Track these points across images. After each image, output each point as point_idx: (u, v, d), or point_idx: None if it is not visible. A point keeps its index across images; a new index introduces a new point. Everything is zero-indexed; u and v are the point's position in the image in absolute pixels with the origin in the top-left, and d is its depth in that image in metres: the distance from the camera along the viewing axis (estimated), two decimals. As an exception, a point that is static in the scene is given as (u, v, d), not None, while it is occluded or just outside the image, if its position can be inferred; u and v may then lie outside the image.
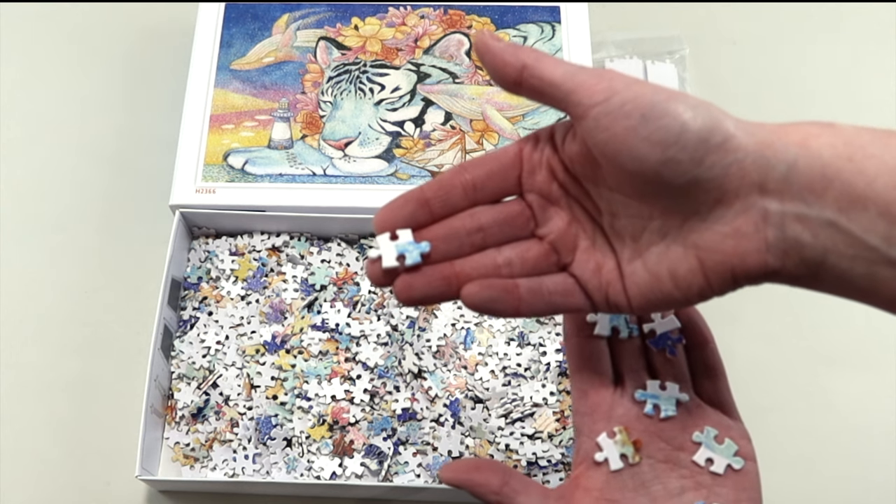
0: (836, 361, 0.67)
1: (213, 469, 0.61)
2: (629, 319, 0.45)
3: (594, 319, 0.44)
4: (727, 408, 0.45)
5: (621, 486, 0.42)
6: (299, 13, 0.75)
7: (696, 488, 0.42)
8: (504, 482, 0.42)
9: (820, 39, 0.81)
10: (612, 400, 0.44)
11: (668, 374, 0.44)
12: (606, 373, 0.44)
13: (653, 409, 0.44)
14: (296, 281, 0.66)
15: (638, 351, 0.45)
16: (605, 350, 0.45)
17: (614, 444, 0.43)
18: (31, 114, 0.75)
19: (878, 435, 0.64)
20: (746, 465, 0.43)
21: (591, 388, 0.44)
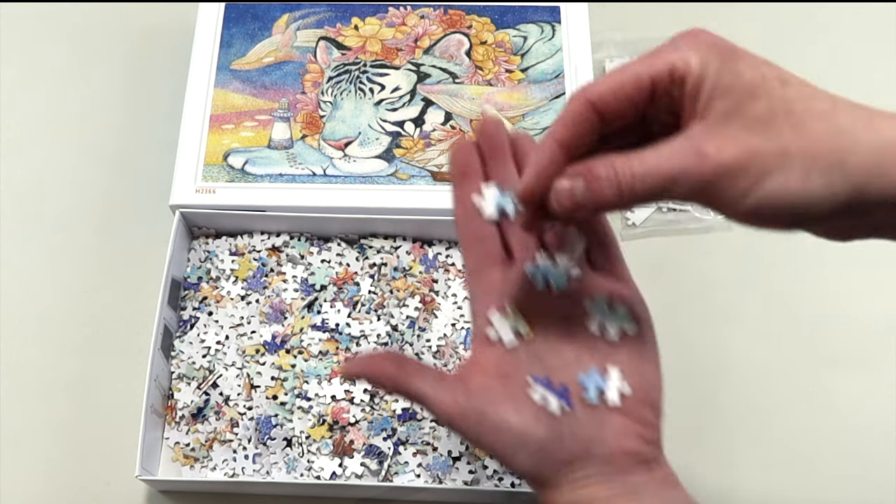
0: (837, 361, 0.67)
1: (213, 469, 0.61)
2: (515, 198, 0.44)
3: (481, 202, 0.44)
4: (620, 274, 0.44)
5: (516, 361, 0.42)
6: (299, 13, 0.75)
7: (592, 354, 0.42)
8: (399, 369, 0.42)
9: (820, 39, 0.81)
10: (504, 278, 0.44)
11: (559, 247, 0.44)
12: (496, 252, 0.44)
13: (544, 283, 0.43)
14: (296, 281, 0.66)
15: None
16: (494, 231, 0.45)
17: (506, 321, 0.43)
18: (31, 114, 0.75)
19: (879, 435, 0.64)
20: (641, 328, 0.43)
21: (482, 268, 0.44)
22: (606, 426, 0.41)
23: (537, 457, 0.41)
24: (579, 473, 0.41)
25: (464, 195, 0.45)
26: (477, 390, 0.41)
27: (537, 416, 0.41)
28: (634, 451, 0.41)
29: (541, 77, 0.73)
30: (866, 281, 0.69)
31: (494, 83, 0.72)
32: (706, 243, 0.72)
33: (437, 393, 0.41)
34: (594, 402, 0.41)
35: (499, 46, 0.74)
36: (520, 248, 0.44)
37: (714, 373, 0.67)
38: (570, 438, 0.41)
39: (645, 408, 0.42)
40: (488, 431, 0.41)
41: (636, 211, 0.71)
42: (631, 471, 0.41)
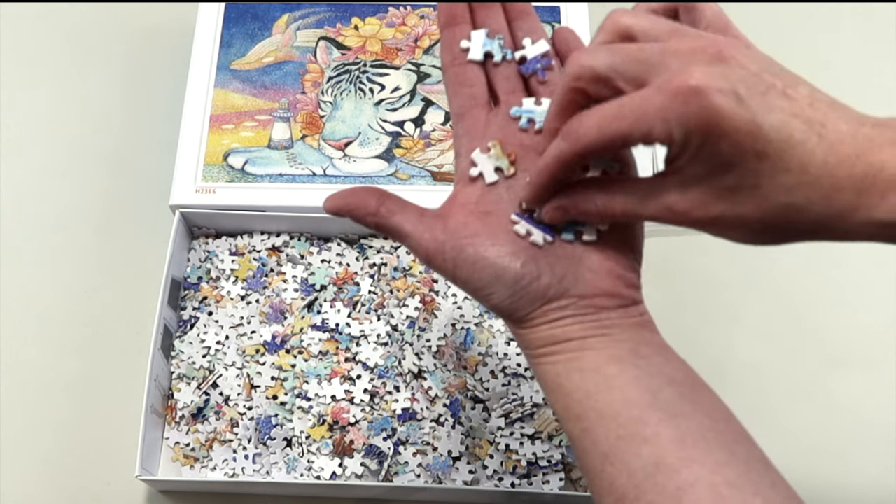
0: (838, 361, 0.67)
1: (213, 469, 0.61)
2: (502, 44, 0.45)
3: (467, 45, 0.45)
4: None
5: (497, 198, 0.43)
6: (299, 13, 0.75)
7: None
8: (380, 203, 0.43)
9: (820, 39, 0.81)
10: (488, 119, 0.44)
11: (545, 93, 0.45)
12: (482, 95, 0.45)
13: (527, 123, 0.44)
14: (296, 281, 0.66)
15: (514, 74, 0.45)
16: (480, 74, 0.45)
17: (488, 158, 0.43)
18: (31, 114, 0.75)
19: (880, 435, 0.64)
20: (626, 169, 0.44)
21: (467, 110, 0.45)
22: (584, 265, 0.42)
23: (513, 290, 0.41)
24: (555, 310, 0.41)
25: (451, 40, 0.45)
26: (456, 226, 0.42)
27: (515, 251, 0.41)
28: (612, 292, 0.42)
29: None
30: (867, 281, 0.69)
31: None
32: (706, 243, 0.71)
33: (417, 229, 0.42)
34: (571, 239, 0.42)
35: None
36: (505, 91, 0.45)
37: (714, 373, 0.66)
38: (547, 274, 0.41)
39: (625, 250, 0.43)
40: (465, 265, 0.41)
41: None
42: (606, 310, 0.41)
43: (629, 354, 0.41)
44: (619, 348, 0.41)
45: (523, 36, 0.45)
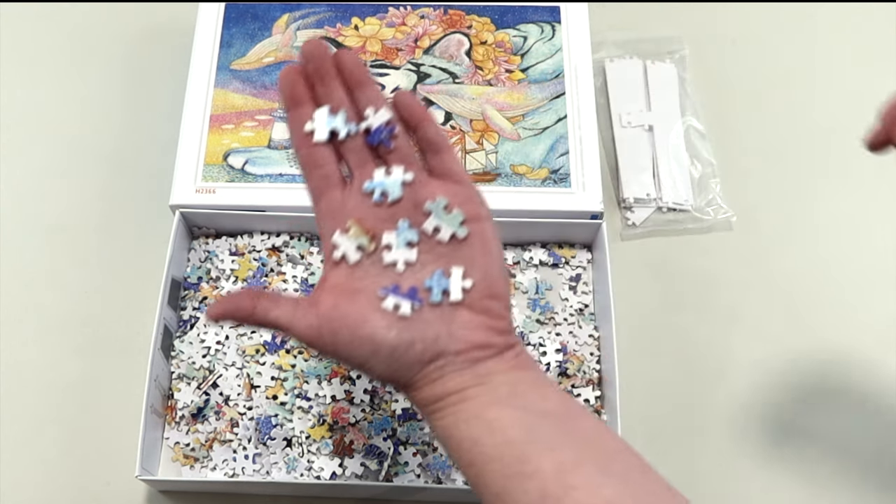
0: (837, 361, 0.67)
1: (213, 469, 0.61)
2: (346, 118, 0.46)
3: (312, 127, 0.45)
4: (455, 176, 0.46)
5: (363, 274, 0.45)
6: (299, 13, 0.75)
7: (436, 259, 0.45)
8: (254, 304, 0.45)
9: (820, 39, 0.81)
10: (343, 197, 0.46)
11: (394, 160, 0.46)
12: (334, 174, 0.46)
13: (380, 196, 0.45)
14: (296, 281, 0.66)
15: (361, 146, 0.46)
16: (330, 153, 0.46)
17: (348, 239, 0.45)
18: (31, 114, 0.75)
19: (880, 434, 0.64)
20: (478, 225, 0.45)
21: (322, 192, 0.46)
22: (454, 322, 0.44)
23: (390, 361, 0.43)
24: (434, 371, 0.43)
25: (297, 123, 0.46)
26: (328, 310, 0.44)
27: (387, 324, 0.43)
28: (484, 343, 0.44)
29: (541, 77, 0.73)
30: (866, 280, 0.69)
31: (494, 83, 0.72)
32: (706, 243, 0.72)
33: (293, 319, 0.44)
34: (439, 301, 0.44)
35: (499, 46, 0.74)
36: (356, 166, 0.46)
37: (714, 373, 0.67)
38: (420, 340, 0.43)
39: (490, 300, 0.44)
40: (343, 345, 0.43)
41: (636, 211, 0.71)
42: (482, 361, 0.43)
43: (507, 397, 0.43)
44: (497, 393, 0.43)
45: (365, 106, 0.46)
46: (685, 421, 0.65)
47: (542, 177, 0.68)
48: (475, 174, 0.68)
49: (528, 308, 0.66)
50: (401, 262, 0.45)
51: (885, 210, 0.73)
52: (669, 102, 0.76)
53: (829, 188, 0.74)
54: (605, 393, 0.63)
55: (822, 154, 0.75)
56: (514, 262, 0.68)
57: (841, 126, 0.76)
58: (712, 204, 0.72)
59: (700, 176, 0.73)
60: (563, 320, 0.66)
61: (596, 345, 0.65)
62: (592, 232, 0.67)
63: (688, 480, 0.63)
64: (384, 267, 0.45)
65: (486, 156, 0.69)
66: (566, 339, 0.65)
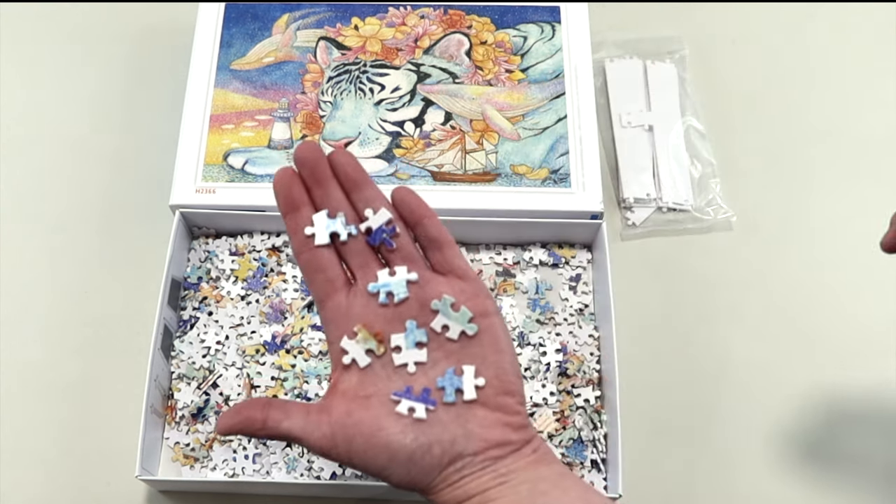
0: (837, 361, 0.67)
1: (213, 469, 0.61)
2: (345, 221, 0.45)
3: (312, 231, 0.45)
4: (460, 272, 0.46)
5: (374, 378, 0.44)
6: (299, 13, 0.75)
7: (447, 356, 0.44)
8: (265, 415, 0.44)
9: (820, 39, 0.81)
10: (348, 301, 0.45)
11: (397, 259, 0.45)
12: (338, 277, 0.46)
13: (386, 298, 0.45)
14: (296, 281, 0.66)
15: (363, 248, 0.46)
16: (332, 256, 0.46)
17: (357, 344, 0.44)
18: (31, 114, 0.75)
19: (880, 434, 0.64)
20: (487, 321, 0.44)
21: (326, 296, 0.45)
22: (470, 421, 0.43)
23: (409, 466, 0.43)
24: (453, 473, 0.43)
25: (296, 228, 0.46)
26: (341, 417, 0.43)
27: (402, 429, 0.43)
28: (502, 441, 0.43)
29: (541, 77, 0.73)
30: (866, 281, 0.69)
31: (494, 83, 0.72)
32: (706, 243, 0.72)
33: (306, 430, 0.44)
34: (453, 401, 0.43)
35: (499, 46, 0.74)
36: (359, 267, 0.46)
37: (714, 373, 0.67)
38: (436, 443, 0.42)
39: (504, 396, 0.44)
40: (358, 454, 0.43)
41: (636, 211, 0.71)
42: (501, 459, 0.43)
43: (528, 496, 0.42)
44: (517, 493, 0.42)
45: (364, 207, 0.46)
46: (685, 421, 0.65)
47: (542, 177, 0.68)
48: (475, 174, 0.68)
49: (528, 308, 0.66)
50: (411, 363, 0.44)
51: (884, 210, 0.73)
52: (669, 102, 0.76)
53: (829, 188, 0.74)
54: (605, 393, 0.63)
55: (822, 154, 0.75)
56: (514, 262, 0.68)
57: (840, 126, 0.76)
58: (712, 204, 0.72)
59: (700, 176, 0.73)
60: (563, 320, 0.66)
61: (596, 345, 0.65)
62: (592, 232, 0.67)
63: (688, 480, 0.63)
64: (395, 369, 0.44)
65: (486, 156, 0.69)
66: (566, 339, 0.65)
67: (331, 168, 0.46)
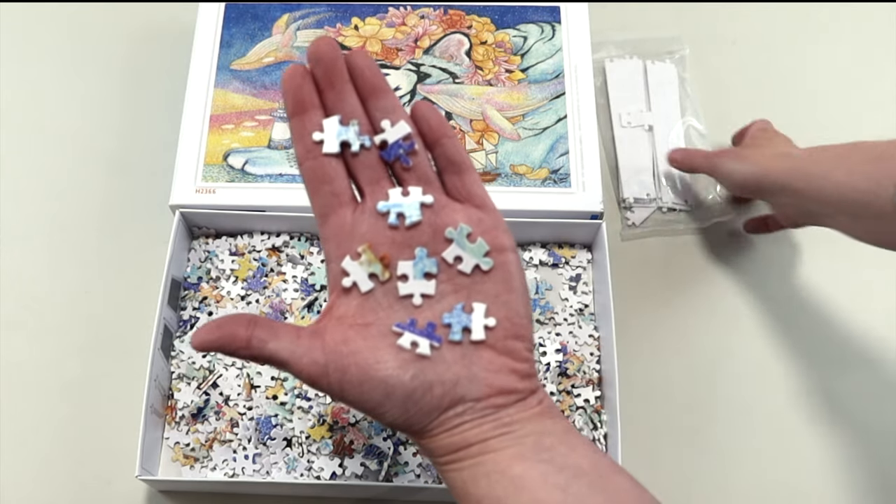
0: (837, 361, 0.67)
1: (213, 469, 0.61)
2: (359, 130, 0.41)
3: (321, 137, 0.40)
4: (478, 200, 0.42)
5: (375, 305, 0.40)
6: (299, 13, 0.75)
7: (456, 290, 0.40)
8: (250, 333, 0.39)
9: (820, 39, 0.81)
10: (354, 218, 0.41)
11: (411, 179, 0.41)
12: (344, 191, 0.41)
13: (396, 219, 0.40)
14: (296, 281, 0.66)
15: (376, 162, 0.41)
16: (339, 167, 0.41)
17: (360, 266, 0.40)
18: (31, 114, 0.75)
19: (880, 434, 0.64)
20: (502, 256, 0.41)
21: (330, 211, 0.41)
22: (475, 364, 0.40)
23: (406, 406, 0.39)
24: (452, 418, 0.39)
25: (303, 132, 0.40)
26: (335, 344, 0.39)
27: (402, 364, 0.39)
28: (507, 388, 0.40)
29: (541, 77, 0.73)
30: (866, 281, 0.69)
31: (494, 83, 0.72)
32: (706, 243, 0.72)
33: (294, 354, 0.39)
34: (459, 340, 0.39)
35: (499, 46, 0.74)
36: (368, 183, 0.41)
37: (714, 373, 0.67)
38: (439, 383, 0.39)
39: (514, 341, 0.40)
40: (352, 386, 0.39)
41: (636, 211, 0.71)
42: (505, 408, 0.39)
43: (533, 449, 0.39)
44: (521, 445, 0.39)
45: (381, 117, 0.41)
46: (685, 421, 0.65)
47: (542, 177, 0.68)
48: (475, 174, 0.68)
49: (528, 308, 0.66)
50: (417, 294, 0.40)
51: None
52: (669, 102, 0.76)
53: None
54: (605, 393, 0.63)
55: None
56: (514, 262, 0.68)
57: (840, 126, 0.76)
58: (712, 204, 0.72)
59: (700, 176, 0.73)
60: (563, 320, 0.66)
61: (596, 345, 0.65)
62: (592, 232, 0.67)
63: (687, 479, 0.63)
64: (398, 298, 0.40)
65: (486, 156, 0.69)
66: (566, 339, 0.65)
67: (348, 70, 0.41)
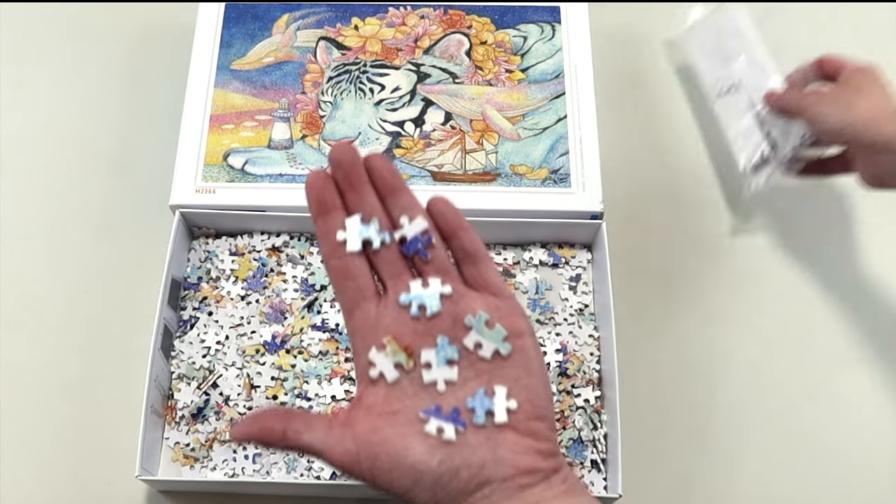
0: (838, 361, 0.67)
1: (213, 469, 0.61)
2: (379, 228, 0.43)
3: (344, 237, 0.43)
4: (495, 288, 0.44)
5: (401, 394, 0.42)
6: (299, 13, 0.75)
7: (478, 375, 0.42)
8: (285, 426, 0.42)
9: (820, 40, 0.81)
10: (378, 311, 0.43)
11: (430, 271, 0.44)
12: (368, 286, 0.44)
13: (418, 310, 0.43)
14: (296, 281, 0.66)
15: (396, 257, 0.44)
16: (363, 265, 0.44)
17: (385, 356, 0.42)
18: (31, 114, 0.75)
19: (880, 434, 0.64)
20: (521, 341, 0.43)
21: (355, 305, 0.44)
22: (500, 446, 0.41)
23: (434, 490, 0.41)
24: (479, 499, 0.41)
25: (327, 231, 0.44)
26: (365, 433, 0.41)
27: (430, 450, 0.41)
28: (531, 468, 0.41)
29: (541, 77, 0.73)
30: (866, 281, 0.69)
31: (494, 83, 0.72)
32: (706, 243, 0.72)
33: (327, 444, 0.41)
34: (483, 424, 0.41)
35: (499, 46, 0.74)
36: (390, 277, 0.44)
37: (714, 373, 0.67)
38: (465, 467, 0.41)
39: (536, 421, 0.42)
40: (383, 473, 0.41)
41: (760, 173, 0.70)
42: (530, 488, 0.41)
43: None
44: None
45: (399, 214, 0.44)
46: (685, 421, 0.65)
47: (542, 177, 0.68)
48: (475, 174, 0.68)
49: (528, 308, 0.66)
50: (441, 381, 0.42)
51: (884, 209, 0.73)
52: (754, 47, 0.72)
53: (830, 187, 0.74)
54: (605, 393, 0.63)
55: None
56: (514, 262, 0.68)
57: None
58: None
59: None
60: (563, 320, 0.66)
61: (596, 345, 0.65)
62: (592, 232, 0.67)
63: (687, 480, 0.63)
64: (423, 385, 0.42)
65: (486, 156, 0.69)
66: (566, 339, 0.65)
67: (367, 171, 0.44)
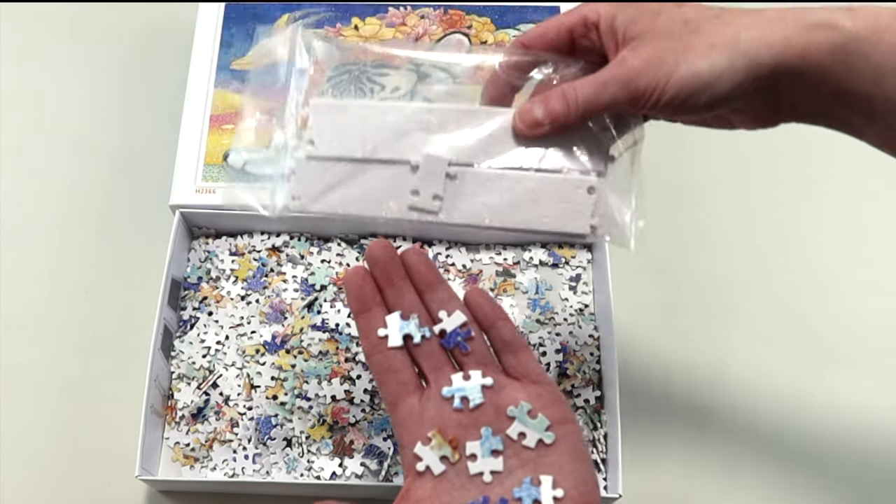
0: (838, 361, 0.67)
1: (213, 469, 0.61)
2: (419, 323, 0.45)
3: (385, 333, 0.45)
4: (535, 377, 0.45)
5: (449, 486, 0.43)
6: (299, 13, 0.75)
7: (523, 465, 0.43)
8: None
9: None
10: (422, 405, 0.45)
11: (471, 363, 0.45)
12: (410, 380, 0.45)
13: (461, 402, 0.44)
14: (296, 281, 0.66)
15: (437, 350, 0.45)
16: (405, 359, 0.45)
17: (431, 450, 0.43)
18: (31, 114, 0.75)
19: (880, 434, 0.64)
20: (564, 428, 0.44)
21: (399, 399, 0.45)
22: None
23: None
24: None
25: (368, 329, 0.45)
26: None
27: None
28: None
29: (541, 77, 0.72)
30: (866, 280, 0.69)
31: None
32: (706, 243, 0.72)
33: None
34: None
35: (499, 46, 0.74)
36: (432, 370, 0.45)
37: (714, 373, 0.67)
38: None
39: None
40: None
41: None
42: None
43: None
44: None
45: (437, 308, 0.45)
46: (685, 421, 0.65)
47: (542, 177, 0.68)
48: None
49: (528, 308, 0.66)
50: (487, 472, 0.43)
51: (886, 209, 0.73)
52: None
53: (830, 187, 0.74)
54: (605, 393, 0.63)
55: (824, 154, 0.75)
56: (514, 262, 0.68)
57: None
58: None
59: None
60: (563, 320, 0.66)
61: (596, 345, 0.65)
62: (592, 232, 0.67)
63: (687, 480, 0.63)
64: (469, 477, 0.43)
65: (486, 156, 0.69)
66: (566, 339, 0.65)
67: (404, 267, 0.46)
